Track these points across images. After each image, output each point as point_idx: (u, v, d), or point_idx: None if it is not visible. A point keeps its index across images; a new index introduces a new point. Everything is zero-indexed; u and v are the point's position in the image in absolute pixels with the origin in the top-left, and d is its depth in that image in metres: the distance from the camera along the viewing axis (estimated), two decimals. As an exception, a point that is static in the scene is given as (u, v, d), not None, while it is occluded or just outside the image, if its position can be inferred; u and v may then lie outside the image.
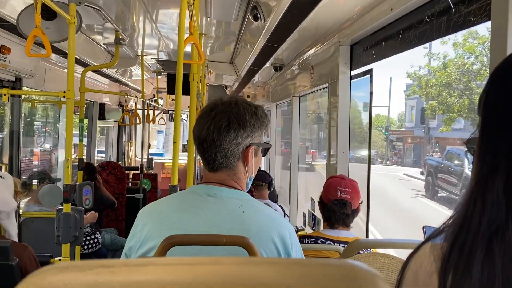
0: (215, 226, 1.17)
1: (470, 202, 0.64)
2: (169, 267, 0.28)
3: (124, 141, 7.80)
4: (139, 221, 1.26)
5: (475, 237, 0.61)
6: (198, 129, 1.23)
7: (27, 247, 2.06)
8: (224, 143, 1.20)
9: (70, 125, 2.75)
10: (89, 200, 3.56)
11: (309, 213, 3.90)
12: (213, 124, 1.19)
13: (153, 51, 4.83)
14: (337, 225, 2.11)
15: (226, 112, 1.21)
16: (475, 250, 0.60)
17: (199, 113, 1.27)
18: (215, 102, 1.25)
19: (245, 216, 1.20)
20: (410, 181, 20.48)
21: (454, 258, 0.61)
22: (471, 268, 0.59)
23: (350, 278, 0.29)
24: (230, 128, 1.20)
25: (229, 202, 1.22)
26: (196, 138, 1.24)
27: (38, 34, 2.44)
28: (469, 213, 0.63)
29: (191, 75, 2.60)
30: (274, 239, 1.18)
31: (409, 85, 36.78)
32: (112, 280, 0.28)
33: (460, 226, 0.63)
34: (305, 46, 3.54)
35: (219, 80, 6.55)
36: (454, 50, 19.29)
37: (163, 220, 1.21)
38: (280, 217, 1.28)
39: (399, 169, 29.92)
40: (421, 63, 26.25)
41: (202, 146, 1.22)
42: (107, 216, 5.11)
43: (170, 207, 1.25)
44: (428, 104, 23.23)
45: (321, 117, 6.08)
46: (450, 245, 0.63)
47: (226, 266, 0.29)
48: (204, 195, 1.23)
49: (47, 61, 4.11)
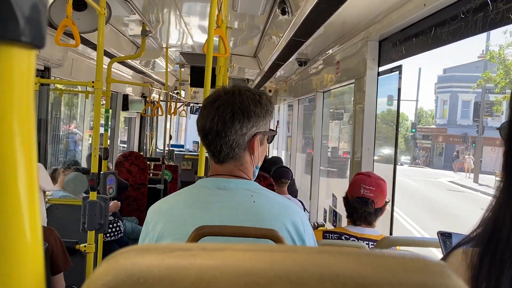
0: (228, 219, 1.17)
1: (500, 213, 0.62)
2: (248, 253, 0.29)
3: (146, 132, 7.89)
4: (150, 219, 1.25)
5: (504, 251, 0.60)
6: (202, 121, 1.20)
7: (54, 231, 2.11)
8: (229, 135, 1.18)
9: (98, 115, 2.80)
10: (113, 189, 3.62)
11: (330, 209, 3.89)
12: (217, 115, 1.17)
13: (177, 43, 4.86)
14: (359, 223, 2.10)
15: (229, 102, 1.18)
16: (505, 263, 0.59)
17: (202, 104, 1.25)
18: (218, 92, 1.23)
19: (256, 206, 1.19)
20: (465, 194, 16.80)
21: (485, 270, 0.61)
22: (500, 283, 0.58)
23: (424, 271, 0.30)
24: (234, 119, 1.17)
25: (239, 193, 1.21)
26: (201, 131, 1.22)
27: (69, 24, 2.48)
28: (498, 227, 0.62)
29: (217, 68, 2.62)
30: (287, 226, 1.18)
31: (441, 77, 35.14)
32: (193, 263, 0.28)
33: (490, 236, 0.62)
34: (331, 41, 3.51)
35: (242, 73, 6.55)
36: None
37: (174, 217, 1.20)
38: (291, 204, 1.27)
39: (432, 172, 27.74)
40: (500, 41, 22.14)
41: (207, 138, 1.21)
42: (129, 205, 5.19)
43: (180, 204, 1.24)
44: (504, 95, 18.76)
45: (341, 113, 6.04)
46: (481, 254, 0.62)
47: (302, 255, 0.29)
48: (213, 188, 1.22)
49: (74, 51, 4.18)
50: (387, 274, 0.29)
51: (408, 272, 0.29)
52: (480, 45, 63.76)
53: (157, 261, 0.28)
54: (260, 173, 3.34)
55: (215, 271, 0.28)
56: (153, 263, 0.28)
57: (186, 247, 0.29)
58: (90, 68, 4.34)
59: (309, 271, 0.28)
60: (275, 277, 0.28)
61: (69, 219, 3.41)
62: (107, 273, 0.29)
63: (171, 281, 0.28)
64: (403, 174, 22.25)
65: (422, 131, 37.31)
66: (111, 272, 0.28)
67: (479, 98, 26.30)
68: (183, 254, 0.29)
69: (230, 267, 0.28)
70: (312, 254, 0.29)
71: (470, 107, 32.08)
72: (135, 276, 0.28)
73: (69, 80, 4.14)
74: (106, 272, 0.29)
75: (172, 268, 0.28)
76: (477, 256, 0.62)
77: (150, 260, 0.28)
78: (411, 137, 35.93)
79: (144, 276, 0.28)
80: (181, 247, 0.29)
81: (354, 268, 0.29)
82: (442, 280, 0.30)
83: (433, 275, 0.29)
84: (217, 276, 0.28)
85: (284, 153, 7.15)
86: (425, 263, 0.30)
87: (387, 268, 0.29)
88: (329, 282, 0.28)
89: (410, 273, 0.29)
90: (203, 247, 0.29)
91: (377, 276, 0.29)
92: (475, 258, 0.62)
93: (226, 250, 0.29)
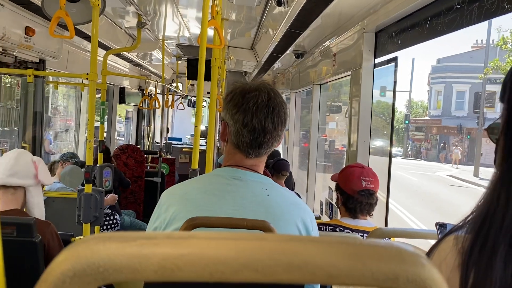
0: (241, 208, 1.19)
1: (493, 196, 0.62)
2: (213, 241, 0.28)
3: (143, 125, 7.87)
4: (164, 202, 1.26)
5: (498, 232, 0.59)
6: (257, 120, 1.22)
7: (50, 224, 2.11)
8: (277, 136, 1.26)
9: (92, 107, 2.78)
10: (109, 181, 3.61)
11: (326, 202, 3.88)
12: (275, 116, 1.24)
13: (173, 35, 4.83)
14: (361, 215, 2.08)
15: (281, 103, 1.26)
16: (497, 246, 0.58)
17: (251, 102, 1.23)
18: (265, 90, 1.25)
19: (270, 199, 1.22)
20: (468, 189, 16.05)
21: (476, 254, 0.60)
22: (493, 265, 0.57)
23: (397, 259, 0.29)
24: (285, 119, 1.27)
25: (254, 186, 1.24)
26: (254, 129, 1.23)
27: (62, 15, 2.45)
28: (492, 208, 0.61)
29: (213, 59, 2.60)
30: (297, 223, 1.21)
31: (435, 67, 34.74)
32: (155, 251, 0.27)
33: (483, 220, 0.61)
34: (328, 32, 3.48)
35: (239, 66, 6.52)
36: None
37: (189, 202, 1.22)
38: (302, 202, 1.32)
39: (427, 165, 27.40)
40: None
41: (259, 137, 1.24)
42: (126, 198, 5.18)
43: (195, 189, 1.25)
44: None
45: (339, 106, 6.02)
46: (472, 240, 0.61)
47: (271, 243, 0.28)
48: (230, 178, 1.25)
49: (70, 43, 4.15)
50: (358, 263, 0.28)
51: (381, 261, 0.28)
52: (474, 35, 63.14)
53: (118, 250, 0.27)
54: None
55: (178, 260, 0.27)
56: (114, 252, 0.27)
57: (150, 236, 0.28)
58: (86, 61, 4.29)
59: (276, 260, 0.27)
60: (241, 266, 0.27)
61: (66, 211, 3.40)
62: (66, 262, 0.27)
63: (133, 270, 0.27)
64: (399, 168, 22.08)
65: (416, 123, 37.01)
66: (71, 261, 0.27)
67: (475, 88, 25.97)
68: (146, 242, 0.28)
69: (194, 256, 0.27)
70: (281, 242, 0.28)
71: (465, 98, 31.90)
72: (94, 264, 0.27)
73: (63, 72, 4.11)
74: (65, 260, 0.28)
75: (134, 257, 0.27)
76: (468, 241, 0.61)
77: (111, 248, 0.27)
78: (405, 128, 35.63)
79: (104, 265, 0.27)
80: (145, 236, 0.28)
81: (324, 257, 0.28)
82: (415, 269, 0.28)
83: (406, 264, 0.28)
84: (180, 265, 0.27)
85: (282, 147, 7.14)
86: (399, 251, 0.29)
87: (358, 257, 0.28)
88: (297, 271, 0.27)
89: (382, 262, 0.28)
90: (168, 236, 0.28)
91: (348, 265, 0.28)
92: (466, 244, 0.61)
93: (191, 238, 0.28)
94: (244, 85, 1.28)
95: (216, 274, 0.27)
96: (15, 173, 2.00)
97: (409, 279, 0.28)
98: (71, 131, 7.87)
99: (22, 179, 2.02)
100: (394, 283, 0.28)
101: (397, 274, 0.28)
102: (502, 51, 19.19)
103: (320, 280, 0.27)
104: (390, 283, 0.28)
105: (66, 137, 7.83)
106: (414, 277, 0.28)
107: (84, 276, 0.27)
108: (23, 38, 3.10)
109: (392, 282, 0.28)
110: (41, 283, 0.28)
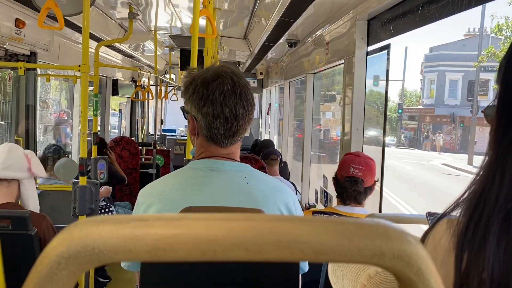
0: (221, 200, 1.18)
1: (488, 176, 0.62)
2: (204, 222, 0.29)
3: (137, 117, 7.84)
4: (142, 202, 1.25)
5: (491, 211, 0.59)
6: (227, 110, 1.18)
7: (45, 217, 2.11)
8: (249, 120, 1.23)
9: (85, 99, 2.77)
10: (104, 174, 3.61)
11: (321, 190, 3.91)
12: (244, 101, 1.19)
13: (165, 25, 4.79)
14: (349, 202, 2.12)
15: (245, 85, 1.21)
16: (491, 225, 0.59)
17: (217, 92, 1.19)
18: (227, 77, 1.19)
19: (250, 187, 1.21)
20: (463, 178, 15.73)
21: (470, 234, 0.60)
22: (486, 243, 0.58)
23: (383, 236, 0.29)
24: (252, 99, 1.23)
25: (233, 175, 1.22)
26: (226, 119, 1.19)
27: (51, 6, 2.43)
28: (487, 188, 0.61)
29: (205, 49, 2.59)
30: (280, 207, 1.21)
31: (428, 55, 34.70)
32: (148, 232, 0.28)
33: (477, 201, 0.62)
34: (321, 21, 3.48)
35: (232, 56, 6.50)
36: None
37: (167, 200, 1.20)
38: (283, 185, 1.29)
39: (420, 154, 27.61)
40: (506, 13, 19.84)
41: (233, 126, 1.20)
42: (121, 190, 5.19)
43: (172, 187, 1.23)
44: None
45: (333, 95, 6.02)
46: (466, 220, 0.62)
47: (260, 222, 0.29)
48: (206, 170, 1.22)
49: (62, 35, 4.11)
50: (345, 240, 0.29)
51: (367, 238, 0.29)
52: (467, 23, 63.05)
53: (112, 232, 0.28)
54: (251, 155, 3.37)
55: (170, 240, 0.28)
56: (108, 234, 0.28)
57: (142, 218, 0.29)
58: (78, 53, 4.27)
59: (266, 238, 0.28)
60: (232, 245, 0.28)
61: (61, 204, 3.40)
62: (61, 244, 0.28)
63: (126, 251, 0.28)
64: (395, 157, 22.14)
65: (410, 112, 37.06)
66: (65, 243, 0.28)
67: (468, 77, 25.99)
68: (138, 224, 0.28)
69: (186, 235, 0.28)
70: (271, 222, 0.29)
71: (458, 86, 31.99)
72: (89, 246, 0.28)
73: (55, 65, 4.08)
74: (60, 243, 0.28)
75: (127, 239, 0.28)
76: (462, 222, 0.62)
77: (105, 230, 0.28)
78: (398, 117, 35.70)
79: (98, 247, 0.28)
80: (137, 218, 0.29)
81: (312, 234, 0.29)
82: (401, 246, 0.29)
83: (392, 241, 0.29)
84: (173, 245, 0.28)
85: (276, 138, 7.14)
86: (385, 228, 0.30)
87: (345, 234, 0.29)
88: (286, 249, 0.28)
89: (368, 239, 0.29)
90: (160, 217, 0.29)
91: (335, 242, 0.29)
92: (461, 225, 0.62)
93: (183, 219, 0.29)
94: (203, 73, 1.21)
95: (208, 253, 0.28)
96: (8, 166, 2.00)
97: (395, 255, 0.29)
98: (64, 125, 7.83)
99: (16, 172, 2.02)
100: (380, 260, 0.29)
101: (383, 251, 0.29)
102: (495, 39, 19.15)
103: (308, 257, 0.28)
104: (376, 259, 0.29)
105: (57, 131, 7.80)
106: (400, 253, 0.29)
107: (79, 258, 0.28)
108: (13, 31, 3.08)
109: (378, 259, 0.29)
110: (36, 266, 0.29)
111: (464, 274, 0.59)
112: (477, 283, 0.58)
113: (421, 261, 0.30)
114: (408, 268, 0.29)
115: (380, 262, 0.29)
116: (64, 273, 0.28)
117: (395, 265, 0.29)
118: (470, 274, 0.58)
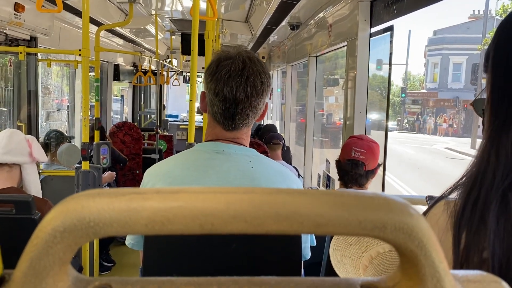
0: (226, 183, 1.17)
1: (483, 157, 0.62)
2: (202, 195, 0.28)
3: (140, 103, 7.82)
4: (147, 181, 1.26)
5: (489, 190, 0.59)
6: (228, 89, 1.17)
7: (47, 201, 2.12)
8: (258, 104, 1.21)
9: (86, 84, 2.76)
10: (106, 159, 3.62)
11: (323, 174, 3.91)
12: (249, 85, 1.18)
13: (166, 9, 4.74)
14: (351, 185, 2.12)
15: (258, 72, 1.19)
16: (489, 202, 0.59)
17: (224, 71, 1.19)
18: (239, 59, 1.19)
19: (254, 171, 1.21)
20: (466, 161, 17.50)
21: (468, 213, 0.61)
22: (486, 220, 0.58)
23: (384, 208, 0.29)
24: (263, 89, 1.20)
25: (238, 159, 1.22)
26: (224, 99, 1.19)
27: (51, -10, 2.41)
28: (483, 168, 0.62)
29: (206, 32, 2.56)
30: None
31: (432, 39, 34.32)
32: (144, 205, 0.28)
33: (474, 181, 0.62)
34: (323, 2, 3.43)
35: (234, 40, 6.44)
36: None
37: (172, 179, 1.20)
38: (287, 171, 1.29)
39: (423, 138, 27.55)
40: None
41: (231, 107, 1.19)
42: (124, 176, 5.20)
43: (178, 167, 1.23)
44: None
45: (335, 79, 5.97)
46: (464, 201, 0.62)
47: (259, 195, 0.28)
48: (211, 153, 1.22)
49: (62, 20, 4.08)
50: (345, 212, 0.28)
51: (368, 210, 0.28)
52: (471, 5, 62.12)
53: (108, 205, 0.28)
54: (254, 140, 3.36)
55: (168, 213, 0.27)
56: (104, 207, 0.27)
57: (139, 191, 0.28)
58: (78, 38, 4.22)
59: (265, 211, 0.28)
60: (230, 217, 0.28)
61: (64, 190, 3.42)
62: (57, 218, 0.28)
63: (123, 224, 0.27)
64: (398, 142, 22.09)
65: (413, 96, 36.87)
66: (61, 216, 0.28)
67: (472, 60, 25.79)
68: (135, 197, 0.28)
69: (184, 208, 0.28)
70: (270, 195, 0.28)
71: (461, 70, 31.74)
72: (85, 219, 0.27)
73: (55, 49, 4.06)
74: (55, 216, 0.28)
75: (124, 211, 0.27)
76: (459, 203, 0.62)
77: (101, 203, 0.28)
78: (401, 102, 35.55)
79: (94, 220, 0.27)
80: (134, 191, 0.28)
81: (311, 207, 0.28)
82: (402, 218, 0.29)
83: (393, 213, 0.29)
84: (170, 217, 0.27)
85: (279, 123, 7.13)
86: (386, 201, 0.29)
87: (345, 206, 0.28)
88: (285, 221, 0.28)
89: (369, 211, 0.28)
90: (157, 191, 0.28)
91: (335, 214, 0.28)
92: (458, 207, 0.62)
93: (180, 192, 0.28)
94: (223, 53, 1.22)
95: (206, 226, 0.28)
96: (9, 151, 2.00)
97: (396, 227, 0.29)
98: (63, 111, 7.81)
99: (17, 157, 2.03)
100: (381, 232, 0.29)
101: (385, 223, 0.28)
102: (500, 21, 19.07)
103: (307, 230, 0.28)
104: (377, 231, 0.29)
105: (58, 117, 7.78)
106: (401, 225, 0.29)
107: (75, 231, 0.27)
108: (13, 15, 3.05)
109: (379, 231, 0.29)
110: (32, 240, 0.28)
111: (463, 253, 0.59)
112: (478, 262, 0.58)
113: (423, 233, 0.29)
114: (410, 240, 0.29)
115: (381, 234, 0.29)
116: (60, 246, 0.27)
117: (396, 237, 0.29)
118: (470, 254, 0.59)
